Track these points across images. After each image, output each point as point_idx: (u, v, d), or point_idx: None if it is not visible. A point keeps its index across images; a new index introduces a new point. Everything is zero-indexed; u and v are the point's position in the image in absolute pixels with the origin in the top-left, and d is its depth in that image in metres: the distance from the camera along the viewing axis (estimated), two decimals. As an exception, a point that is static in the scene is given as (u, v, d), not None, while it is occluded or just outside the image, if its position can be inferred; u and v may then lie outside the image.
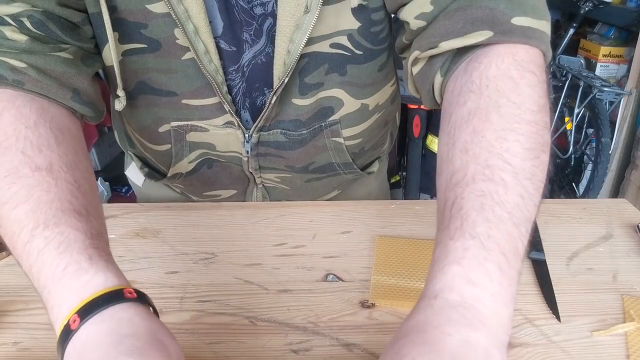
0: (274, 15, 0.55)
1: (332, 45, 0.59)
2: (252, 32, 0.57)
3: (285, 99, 0.62)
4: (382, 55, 0.64)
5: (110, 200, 2.02)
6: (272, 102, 0.60)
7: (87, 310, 0.35)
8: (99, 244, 0.40)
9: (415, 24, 0.50)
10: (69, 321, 0.35)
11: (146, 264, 0.61)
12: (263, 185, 0.76)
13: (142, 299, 0.38)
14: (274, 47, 0.57)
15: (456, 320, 0.33)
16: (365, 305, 0.55)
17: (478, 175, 0.38)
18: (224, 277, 0.59)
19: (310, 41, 0.56)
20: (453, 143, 0.42)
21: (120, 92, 0.58)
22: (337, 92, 0.64)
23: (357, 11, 0.56)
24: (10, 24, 0.48)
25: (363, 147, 0.74)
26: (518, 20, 0.44)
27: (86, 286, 0.36)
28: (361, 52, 0.61)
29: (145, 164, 0.78)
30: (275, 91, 0.59)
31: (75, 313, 0.35)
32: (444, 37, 0.46)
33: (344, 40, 0.59)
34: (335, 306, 0.55)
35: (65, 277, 0.37)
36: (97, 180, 1.84)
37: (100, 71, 0.63)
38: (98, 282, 0.37)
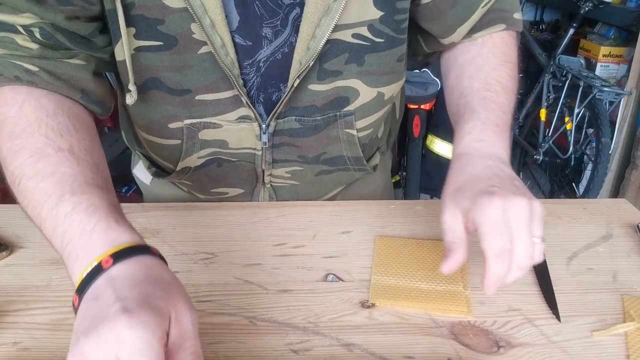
0: (301, 5, 0.56)
1: (354, 36, 0.60)
2: (277, 23, 0.58)
3: (302, 85, 0.62)
4: (402, 45, 0.65)
5: (110, 200, 2.02)
6: (295, 85, 0.60)
7: (120, 255, 0.39)
8: (121, 213, 0.45)
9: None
10: (100, 262, 0.38)
11: (146, 264, 0.61)
12: (271, 184, 0.76)
13: (164, 260, 0.43)
14: (297, 36, 0.57)
15: (478, 159, 0.55)
16: (365, 305, 0.55)
17: (481, 88, 0.62)
18: (224, 277, 0.59)
19: (336, 28, 0.57)
20: (462, 74, 0.65)
21: (131, 87, 0.59)
22: (354, 82, 0.64)
23: (381, 1, 0.58)
24: (21, 33, 0.51)
25: (372, 138, 0.76)
26: (516, 15, 0.67)
27: (116, 240, 0.40)
28: (382, 40, 0.61)
29: (152, 163, 0.78)
30: (299, 75, 0.59)
31: (108, 255, 0.38)
32: (475, 30, 0.66)
33: (364, 30, 0.60)
34: (335, 306, 0.55)
35: (95, 233, 0.40)
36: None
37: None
38: (127, 238, 0.40)
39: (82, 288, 0.38)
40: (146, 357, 0.33)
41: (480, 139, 0.57)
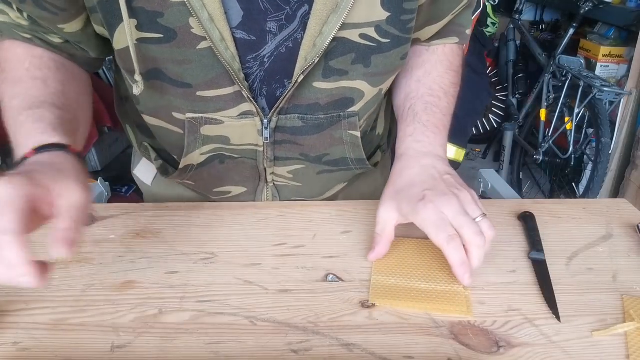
0: (310, 2, 0.56)
1: (362, 36, 0.60)
2: (282, 18, 0.58)
3: (307, 82, 0.62)
4: (407, 44, 0.65)
5: (110, 201, 2.02)
6: (299, 81, 0.60)
7: (40, 149, 0.52)
8: (67, 126, 0.57)
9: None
10: (26, 154, 0.51)
11: (146, 264, 0.61)
12: (274, 183, 0.76)
13: (81, 157, 0.55)
14: (304, 33, 0.58)
15: (414, 160, 0.64)
16: (365, 305, 0.55)
17: (425, 93, 0.70)
18: (224, 277, 0.59)
19: (343, 27, 0.57)
20: (410, 77, 0.73)
21: (137, 77, 0.59)
22: (360, 84, 0.65)
23: (387, 2, 0.58)
24: (14, 10, 0.59)
25: (369, 133, 0.77)
26: (468, 31, 0.74)
27: (45, 141, 0.53)
28: (388, 40, 0.62)
29: (160, 155, 0.78)
30: (304, 71, 0.59)
31: (32, 149, 0.51)
32: (434, 37, 0.73)
33: (371, 31, 0.60)
34: (335, 306, 0.55)
35: (31, 134, 0.54)
36: (97, 180, 1.84)
37: (102, 73, 0.64)
38: (53, 140, 0.53)
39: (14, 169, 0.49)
40: (4, 204, 0.42)
41: (419, 140, 0.66)
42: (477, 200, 0.58)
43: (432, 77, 0.72)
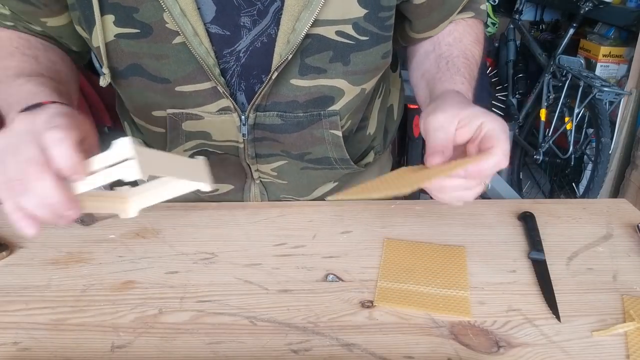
0: None
1: (338, 33, 0.60)
2: (254, 13, 0.58)
3: (283, 79, 0.62)
4: (387, 43, 0.65)
5: (110, 200, 2.02)
6: (273, 77, 0.60)
7: (31, 107, 0.50)
8: (65, 98, 0.56)
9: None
10: (44, 102, 0.51)
11: (146, 264, 0.61)
12: (260, 180, 0.76)
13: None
14: (277, 29, 0.58)
15: (456, 96, 0.59)
16: (365, 305, 0.55)
17: (460, 55, 0.68)
18: (224, 277, 0.59)
19: (317, 23, 0.57)
20: (439, 42, 0.71)
21: (105, 70, 0.60)
22: (340, 82, 0.64)
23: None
24: None
25: (354, 131, 0.75)
26: (482, 6, 0.73)
27: (55, 99, 0.52)
28: (367, 38, 0.61)
29: None
30: (277, 67, 0.59)
31: (23, 110, 0.50)
32: (446, 17, 0.70)
33: (349, 29, 0.60)
34: (335, 306, 0.55)
35: (37, 94, 0.53)
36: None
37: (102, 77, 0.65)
38: (57, 99, 0.53)
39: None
40: (64, 135, 0.44)
41: (456, 89, 0.62)
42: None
43: (464, 43, 0.69)
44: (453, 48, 0.69)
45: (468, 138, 0.53)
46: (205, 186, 0.53)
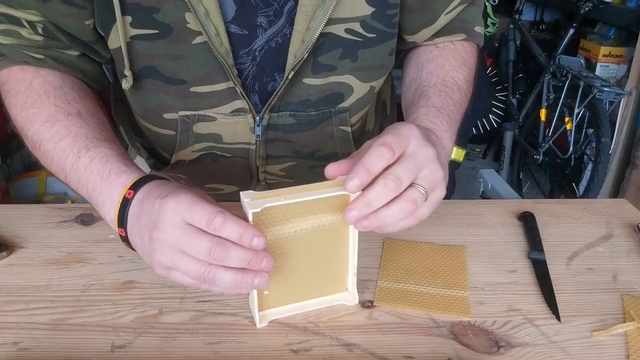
0: None
1: (347, 31, 0.61)
2: (271, 14, 0.59)
3: (297, 78, 0.63)
4: (393, 40, 0.66)
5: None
6: (289, 77, 0.60)
7: (136, 185, 0.50)
8: (128, 158, 0.55)
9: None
10: (124, 196, 0.49)
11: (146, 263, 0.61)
12: (265, 182, 0.76)
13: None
14: (292, 29, 0.58)
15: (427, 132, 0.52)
16: (365, 305, 0.55)
17: (438, 83, 0.65)
18: (224, 277, 0.59)
19: (330, 21, 0.58)
20: (421, 70, 0.68)
21: (127, 72, 0.60)
22: (349, 79, 0.65)
23: None
24: (25, 27, 0.58)
25: (361, 131, 0.76)
26: (477, 28, 0.71)
27: (128, 178, 0.51)
28: (374, 35, 0.62)
29: (151, 154, 0.79)
30: (294, 67, 0.59)
31: (128, 189, 0.49)
32: (437, 35, 0.70)
33: (357, 26, 0.61)
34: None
35: (111, 177, 0.52)
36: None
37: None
38: (137, 175, 0.52)
39: (122, 219, 0.49)
40: (197, 199, 0.46)
41: (434, 122, 0.57)
42: (439, 188, 0.50)
43: (445, 69, 0.67)
44: (432, 76, 0.66)
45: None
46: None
